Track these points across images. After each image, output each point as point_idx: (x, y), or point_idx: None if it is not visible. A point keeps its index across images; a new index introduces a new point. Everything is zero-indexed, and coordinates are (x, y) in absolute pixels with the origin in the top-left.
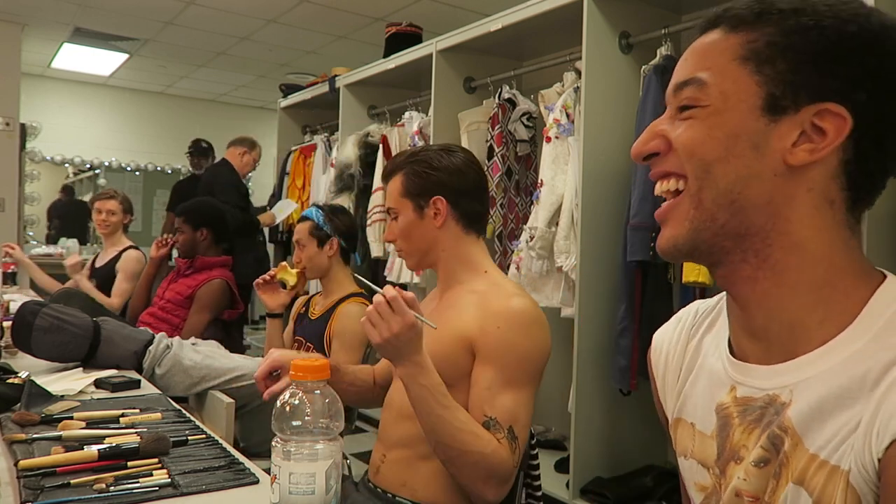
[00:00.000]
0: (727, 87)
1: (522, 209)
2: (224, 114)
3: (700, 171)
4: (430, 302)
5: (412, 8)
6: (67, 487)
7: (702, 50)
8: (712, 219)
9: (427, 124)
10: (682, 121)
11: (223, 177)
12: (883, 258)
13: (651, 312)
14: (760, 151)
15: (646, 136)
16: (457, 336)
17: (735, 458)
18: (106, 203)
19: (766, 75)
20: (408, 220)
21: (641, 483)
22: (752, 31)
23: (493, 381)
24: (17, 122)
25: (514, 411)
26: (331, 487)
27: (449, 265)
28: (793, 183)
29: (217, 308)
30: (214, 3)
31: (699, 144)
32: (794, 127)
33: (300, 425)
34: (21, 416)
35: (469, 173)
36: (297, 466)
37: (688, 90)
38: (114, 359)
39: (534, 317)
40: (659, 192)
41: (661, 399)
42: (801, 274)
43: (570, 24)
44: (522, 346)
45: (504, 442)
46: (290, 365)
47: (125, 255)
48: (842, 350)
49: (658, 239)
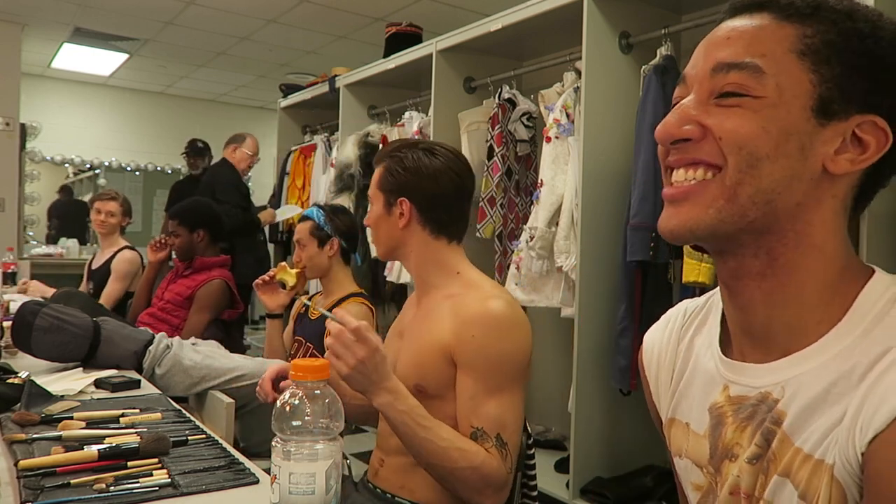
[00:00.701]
0: (783, 80)
1: (522, 209)
2: (224, 114)
3: (745, 166)
4: (409, 309)
5: (412, 8)
6: (67, 487)
7: (752, 33)
8: (742, 214)
9: (427, 124)
10: (725, 108)
11: (223, 176)
12: (883, 258)
13: (651, 312)
14: (805, 154)
15: (677, 118)
16: (436, 347)
17: (729, 455)
18: (106, 204)
19: (821, 75)
20: (377, 213)
21: (641, 483)
22: (807, 25)
23: (476, 390)
24: (17, 122)
25: (499, 418)
26: (331, 487)
27: (419, 267)
28: (823, 188)
29: (216, 308)
30: (214, 3)
31: (751, 137)
32: (838, 133)
33: (300, 425)
34: (21, 416)
35: (443, 180)
36: (297, 466)
37: (738, 75)
38: (114, 359)
39: (510, 319)
40: (678, 180)
41: (655, 400)
42: (813, 275)
43: (570, 24)
44: (501, 352)
45: (493, 451)
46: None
47: (119, 256)
48: (832, 346)
49: (666, 218)
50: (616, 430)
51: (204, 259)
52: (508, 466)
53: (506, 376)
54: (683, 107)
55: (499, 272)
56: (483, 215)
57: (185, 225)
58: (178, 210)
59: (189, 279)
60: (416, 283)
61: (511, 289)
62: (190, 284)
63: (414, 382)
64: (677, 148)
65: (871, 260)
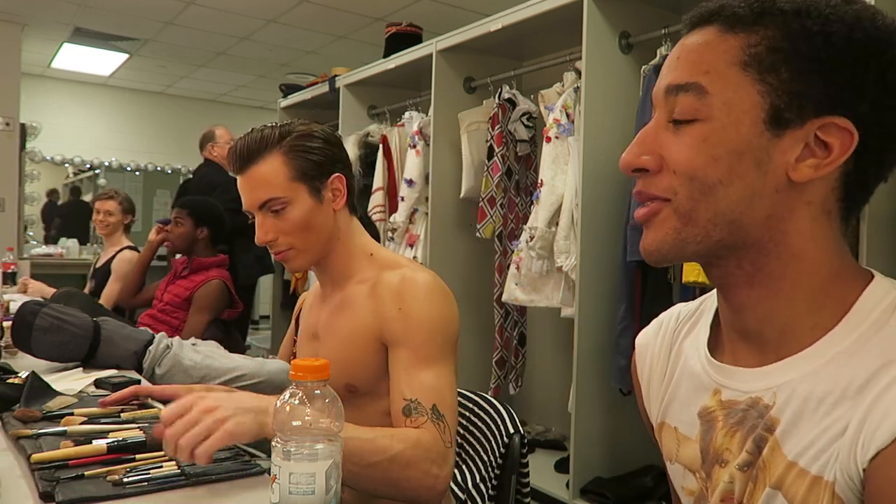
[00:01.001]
0: (729, 96)
1: (522, 209)
2: (224, 114)
3: (698, 194)
4: (314, 308)
5: (412, 8)
6: (82, 479)
7: (696, 50)
8: (706, 235)
9: (427, 124)
10: (679, 135)
11: (209, 177)
12: (883, 258)
13: (651, 312)
14: (763, 168)
15: (638, 147)
16: (360, 337)
17: (719, 461)
18: (105, 203)
19: (769, 84)
20: (305, 209)
21: (641, 483)
22: (752, 33)
23: (409, 362)
24: (17, 122)
25: (435, 388)
26: (331, 487)
27: (341, 256)
28: (793, 197)
29: (216, 309)
30: (214, 3)
31: (700, 167)
32: (797, 141)
33: (300, 425)
34: (23, 413)
35: (345, 148)
36: (297, 466)
37: (685, 97)
38: (114, 359)
39: (434, 287)
40: (637, 216)
41: (646, 403)
42: (798, 283)
43: (570, 24)
44: (431, 319)
45: (429, 424)
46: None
47: (119, 256)
48: (826, 351)
49: (641, 241)
50: (616, 430)
51: (201, 259)
52: (447, 440)
53: (438, 347)
54: (644, 133)
55: (499, 272)
56: (483, 215)
57: (192, 216)
58: (188, 201)
59: (187, 280)
60: (329, 276)
61: (511, 289)
62: (188, 286)
63: (343, 383)
64: (638, 176)
65: (871, 262)
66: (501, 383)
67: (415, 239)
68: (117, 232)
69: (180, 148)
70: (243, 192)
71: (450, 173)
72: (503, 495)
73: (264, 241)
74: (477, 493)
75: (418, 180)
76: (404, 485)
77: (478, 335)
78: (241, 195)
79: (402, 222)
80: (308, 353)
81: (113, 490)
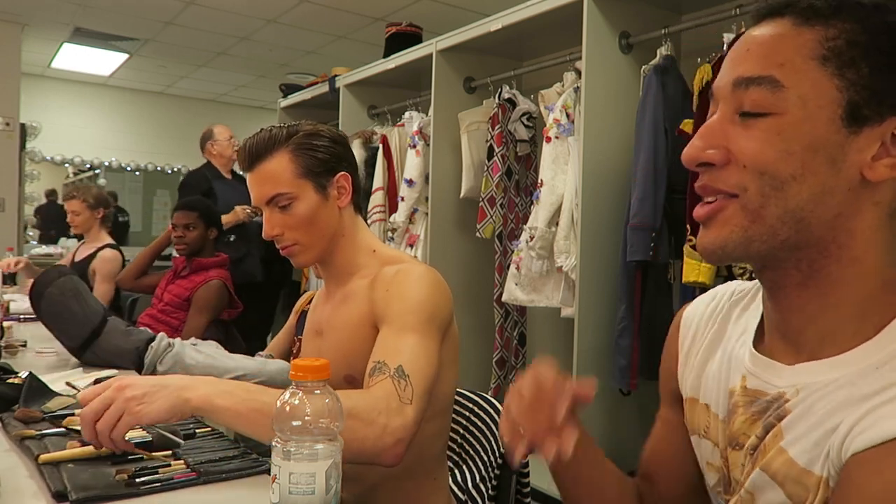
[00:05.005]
0: (805, 90)
1: (522, 209)
2: (224, 114)
3: (769, 189)
4: (318, 306)
5: (412, 8)
6: (93, 478)
7: (769, 42)
8: (773, 233)
9: (427, 124)
10: (748, 128)
11: (197, 180)
12: None
13: (651, 312)
14: (837, 166)
15: (703, 140)
16: (359, 326)
17: (735, 444)
18: (69, 203)
19: (848, 80)
20: (311, 205)
21: None
22: (829, 26)
23: (388, 332)
24: (17, 122)
25: (407, 352)
26: (331, 487)
27: (346, 254)
28: (862, 197)
29: (216, 309)
30: (214, 3)
31: (772, 162)
32: (874, 139)
33: (300, 425)
34: (24, 413)
35: (350, 147)
36: (297, 466)
37: (757, 90)
38: (113, 352)
39: (424, 274)
40: (698, 216)
41: (679, 373)
42: (852, 287)
43: (570, 24)
44: (415, 298)
45: (387, 380)
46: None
47: (100, 256)
48: (859, 360)
49: (700, 237)
50: (616, 430)
51: (201, 260)
52: (405, 397)
53: (420, 321)
54: (708, 126)
55: (499, 272)
56: (483, 215)
57: (203, 219)
58: (196, 203)
59: (187, 280)
60: (334, 273)
61: (511, 289)
62: (188, 286)
63: (344, 374)
64: (702, 171)
65: None
66: (501, 383)
67: (415, 239)
68: (93, 228)
69: (180, 148)
70: (252, 188)
71: (450, 173)
72: (503, 495)
73: (270, 235)
74: (477, 493)
75: (418, 180)
76: (347, 435)
77: (478, 335)
78: (249, 191)
79: (402, 222)
80: (312, 349)
81: (125, 489)
